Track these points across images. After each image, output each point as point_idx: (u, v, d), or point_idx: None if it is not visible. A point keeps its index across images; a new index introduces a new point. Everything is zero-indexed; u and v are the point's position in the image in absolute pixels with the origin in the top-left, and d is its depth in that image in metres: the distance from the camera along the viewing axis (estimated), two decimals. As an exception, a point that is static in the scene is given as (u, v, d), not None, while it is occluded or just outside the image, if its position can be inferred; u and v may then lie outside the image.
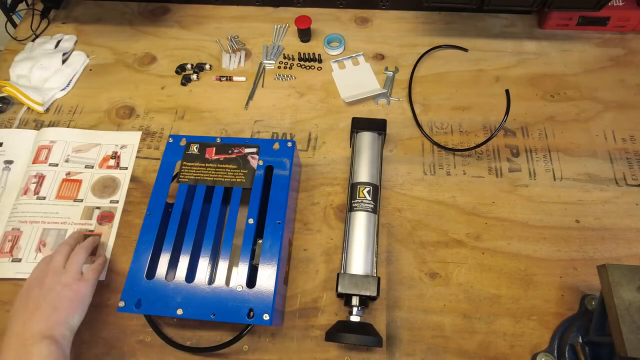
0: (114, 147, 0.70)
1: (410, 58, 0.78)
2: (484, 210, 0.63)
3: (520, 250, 0.60)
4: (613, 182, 0.65)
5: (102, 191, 0.66)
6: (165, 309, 0.49)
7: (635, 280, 0.44)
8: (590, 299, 0.55)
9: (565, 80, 0.75)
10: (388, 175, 0.66)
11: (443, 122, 0.71)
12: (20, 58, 0.79)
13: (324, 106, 0.74)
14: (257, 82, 0.77)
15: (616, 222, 0.61)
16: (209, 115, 0.74)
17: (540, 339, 0.54)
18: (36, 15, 0.85)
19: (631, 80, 0.74)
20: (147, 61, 0.81)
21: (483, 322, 0.56)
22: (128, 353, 0.55)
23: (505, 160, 0.67)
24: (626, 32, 0.79)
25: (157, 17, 0.87)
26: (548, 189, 0.64)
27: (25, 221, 0.63)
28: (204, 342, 0.55)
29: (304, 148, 0.70)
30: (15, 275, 0.60)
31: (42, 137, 0.71)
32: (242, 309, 0.49)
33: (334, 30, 0.82)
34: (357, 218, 0.56)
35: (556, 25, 0.79)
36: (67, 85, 0.78)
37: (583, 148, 0.68)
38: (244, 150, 0.59)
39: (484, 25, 0.82)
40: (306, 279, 0.59)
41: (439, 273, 0.59)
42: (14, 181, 0.68)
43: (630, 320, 0.42)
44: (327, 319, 0.56)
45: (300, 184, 0.66)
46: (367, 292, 0.51)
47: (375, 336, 0.49)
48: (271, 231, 0.53)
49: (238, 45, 0.82)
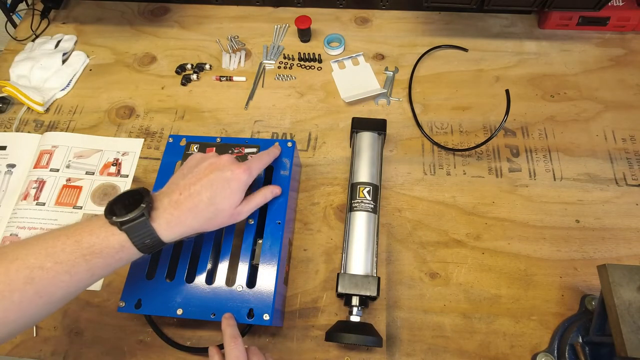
0: (116, 153, 0.70)
1: (410, 58, 0.78)
2: (484, 210, 0.63)
3: (520, 250, 0.60)
4: (613, 182, 0.65)
5: (101, 198, 0.66)
6: (165, 309, 0.49)
7: (635, 280, 0.44)
8: (590, 299, 0.55)
9: (565, 80, 0.75)
10: (388, 175, 0.66)
11: (443, 122, 0.71)
12: (20, 58, 0.79)
13: (324, 106, 0.74)
14: (257, 82, 0.77)
15: (616, 222, 0.61)
16: (209, 115, 0.74)
17: (540, 339, 0.54)
18: (36, 15, 0.85)
19: (631, 80, 0.74)
20: (147, 61, 0.81)
21: (483, 322, 0.56)
22: (128, 353, 0.55)
23: (505, 160, 0.67)
24: (626, 32, 0.79)
25: (157, 17, 0.87)
26: (548, 189, 0.64)
27: (24, 227, 0.63)
28: (204, 342, 0.55)
29: (304, 148, 0.70)
30: None
31: (44, 142, 0.70)
32: (242, 309, 0.49)
33: (334, 30, 0.82)
34: (357, 218, 0.56)
35: (556, 25, 0.79)
36: (67, 85, 0.78)
37: (583, 148, 0.68)
38: (244, 150, 0.59)
39: (484, 25, 0.82)
40: (306, 279, 0.59)
41: (439, 273, 0.59)
42: (15, 185, 0.67)
43: (630, 320, 0.42)
44: (327, 319, 0.56)
45: (300, 184, 0.66)
46: (367, 292, 0.51)
47: (375, 336, 0.49)
48: (271, 231, 0.53)
49: (238, 45, 0.82)
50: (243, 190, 0.47)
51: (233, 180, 0.45)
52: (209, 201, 0.44)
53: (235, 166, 0.46)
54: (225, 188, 0.45)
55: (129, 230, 0.40)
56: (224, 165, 0.46)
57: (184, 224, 0.43)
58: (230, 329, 0.45)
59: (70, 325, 0.57)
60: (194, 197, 0.43)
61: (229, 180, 0.45)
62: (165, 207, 0.43)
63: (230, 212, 0.46)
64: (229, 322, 0.46)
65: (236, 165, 0.46)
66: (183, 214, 0.43)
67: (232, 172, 0.46)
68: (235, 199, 0.46)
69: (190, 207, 0.43)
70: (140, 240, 0.41)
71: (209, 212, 0.44)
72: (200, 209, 0.43)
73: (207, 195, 0.44)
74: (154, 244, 0.42)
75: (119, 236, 0.40)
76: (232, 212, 0.46)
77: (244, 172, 0.46)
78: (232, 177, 0.45)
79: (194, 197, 0.43)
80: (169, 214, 0.42)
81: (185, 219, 0.43)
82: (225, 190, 0.45)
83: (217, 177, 0.45)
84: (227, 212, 0.46)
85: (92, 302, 0.58)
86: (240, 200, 0.47)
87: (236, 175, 0.46)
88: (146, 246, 0.41)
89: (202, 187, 0.44)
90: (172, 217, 0.42)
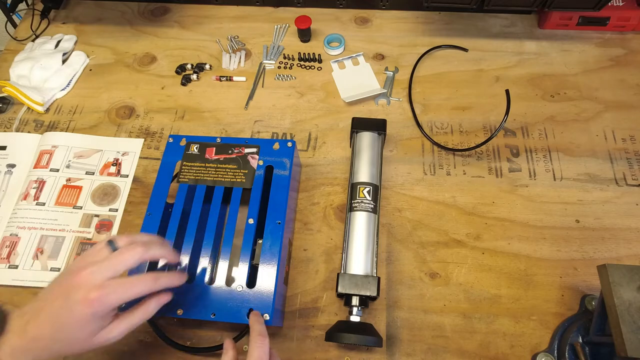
0: (116, 153, 0.70)
1: (410, 58, 0.78)
2: (484, 210, 0.63)
3: (520, 250, 0.60)
4: (613, 182, 0.65)
5: (101, 198, 0.66)
6: (165, 309, 0.49)
7: (635, 280, 0.44)
8: (590, 299, 0.55)
9: (565, 80, 0.75)
10: (388, 175, 0.66)
11: (443, 122, 0.71)
12: (20, 58, 0.79)
13: (324, 106, 0.74)
14: (257, 82, 0.77)
15: (616, 222, 0.61)
16: (209, 115, 0.74)
17: (540, 339, 0.54)
18: (36, 15, 0.85)
19: (631, 80, 0.74)
20: (147, 61, 0.81)
21: (483, 322, 0.56)
22: (128, 353, 0.55)
23: (505, 160, 0.67)
24: (626, 32, 0.79)
25: (157, 17, 0.87)
26: (548, 189, 0.64)
27: (24, 227, 0.63)
28: (204, 342, 0.55)
29: (304, 148, 0.70)
30: (12, 282, 0.59)
31: (44, 142, 0.70)
32: (242, 309, 0.49)
33: (334, 30, 0.82)
34: (357, 218, 0.56)
35: (556, 25, 0.79)
36: (67, 85, 0.78)
37: (583, 148, 0.68)
38: (244, 150, 0.59)
39: (484, 25, 0.82)
40: (306, 279, 0.59)
41: (439, 273, 0.59)
42: (15, 185, 0.67)
43: (630, 320, 0.42)
44: (327, 319, 0.56)
45: (300, 184, 0.66)
46: (367, 292, 0.51)
47: (375, 336, 0.49)
48: (271, 231, 0.53)
49: (238, 45, 0.82)
50: (93, 319, 0.39)
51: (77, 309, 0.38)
52: (50, 336, 0.38)
53: (91, 288, 0.38)
54: (69, 317, 0.38)
55: None
56: (79, 285, 0.38)
57: (31, 353, 0.38)
58: (259, 326, 0.44)
59: (70, 325, 0.57)
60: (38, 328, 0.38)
61: (71, 309, 0.38)
62: (15, 331, 0.38)
63: (86, 342, 0.40)
64: (258, 318, 0.46)
65: (93, 288, 0.38)
66: (28, 343, 0.38)
67: (83, 296, 0.38)
68: (85, 331, 0.39)
69: (34, 337, 0.38)
70: None
71: (55, 346, 0.39)
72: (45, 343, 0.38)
73: (48, 329, 0.38)
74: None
75: None
76: (91, 342, 0.40)
77: (94, 301, 0.38)
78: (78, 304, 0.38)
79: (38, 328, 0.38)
80: (14, 342, 0.38)
81: (32, 348, 0.38)
82: (70, 320, 0.38)
83: (63, 306, 0.38)
84: (82, 344, 0.39)
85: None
86: (96, 329, 0.40)
87: (83, 303, 0.38)
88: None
89: (45, 317, 0.38)
90: (16, 347, 0.37)
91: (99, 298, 0.38)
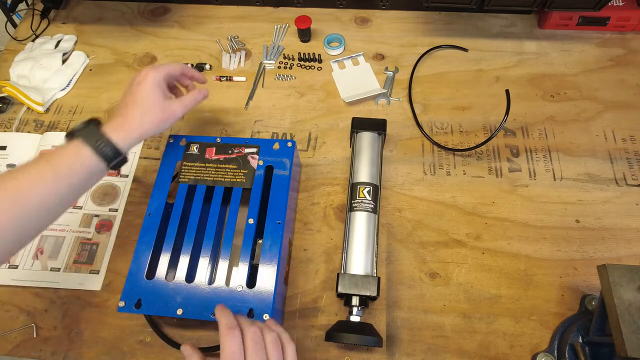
0: None
1: (410, 58, 0.78)
2: (484, 210, 0.63)
3: (520, 250, 0.60)
4: (613, 182, 0.65)
5: (101, 198, 0.66)
6: (165, 309, 0.49)
7: (635, 280, 0.44)
8: (590, 299, 0.55)
9: (565, 80, 0.75)
10: (388, 175, 0.66)
11: (443, 122, 0.71)
12: (20, 58, 0.79)
13: (324, 106, 0.74)
14: (257, 82, 0.77)
15: (616, 222, 0.61)
16: (209, 115, 0.74)
17: (540, 339, 0.54)
18: (36, 15, 0.85)
19: (631, 80, 0.74)
20: (147, 61, 0.81)
21: (483, 322, 0.56)
22: (128, 353, 0.55)
23: (505, 160, 0.67)
24: (626, 32, 0.79)
25: (157, 17, 0.87)
26: (548, 189, 0.64)
27: None
28: (204, 342, 0.55)
29: (304, 148, 0.70)
30: (12, 282, 0.59)
31: (44, 142, 0.70)
32: (242, 309, 0.49)
33: (334, 30, 0.82)
34: (357, 218, 0.56)
35: (556, 25, 0.80)
36: (67, 85, 0.78)
37: (583, 148, 0.68)
38: (244, 150, 0.59)
39: (484, 25, 0.82)
40: (306, 279, 0.59)
41: (439, 273, 0.59)
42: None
43: (630, 320, 0.42)
44: (327, 319, 0.56)
45: (300, 184, 0.66)
46: (367, 292, 0.51)
47: (375, 336, 0.49)
48: (271, 231, 0.53)
49: (238, 45, 0.82)
50: (156, 85, 0.53)
51: (143, 81, 0.52)
52: (134, 103, 0.51)
53: (146, 69, 0.53)
54: (141, 90, 0.52)
55: (82, 135, 0.47)
56: (140, 75, 0.53)
57: (130, 125, 0.50)
58: (226, 319, 0.41)
59: (70, 325, 0.57)
60: (128, 107, 0.51)
61: (140, 83, 0.52)
62: (112, 120, 0.50)
63: (159, 106, 0.52)
64: (224, 311, 0.43)
65: (147, 69, 0.54)
66: (126, 119, 0.50)
67: (141, 75, 0.53)
68: (154, 94, 0.52)
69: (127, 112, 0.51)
70: (94, 144, 0.47)
71: (142, 110, 0.51)
72: (134, 111, 0.51)
73: (131, 107, 0.51)
74: (110, 151, 0.48)
75: (76, 141, 0.47)
76: (162, 105, 0.53)
77: (150, 70, 0.53)
78: (142, 79, 0.53)
79: (128, 107, 0.51)
80: (115, 121, 0.50)
81: (129, 120, 0.50)
82: (142, 90, 0.52)
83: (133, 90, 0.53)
84: (158, 107, 0.52)
85: (92, 302, 0.58)
86: (161, 95, 0.53)
87: (143, 75, 0.53)
88: (102, 152, 0.47)
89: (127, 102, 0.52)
90: (117, 123, 0.50)
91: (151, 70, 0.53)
